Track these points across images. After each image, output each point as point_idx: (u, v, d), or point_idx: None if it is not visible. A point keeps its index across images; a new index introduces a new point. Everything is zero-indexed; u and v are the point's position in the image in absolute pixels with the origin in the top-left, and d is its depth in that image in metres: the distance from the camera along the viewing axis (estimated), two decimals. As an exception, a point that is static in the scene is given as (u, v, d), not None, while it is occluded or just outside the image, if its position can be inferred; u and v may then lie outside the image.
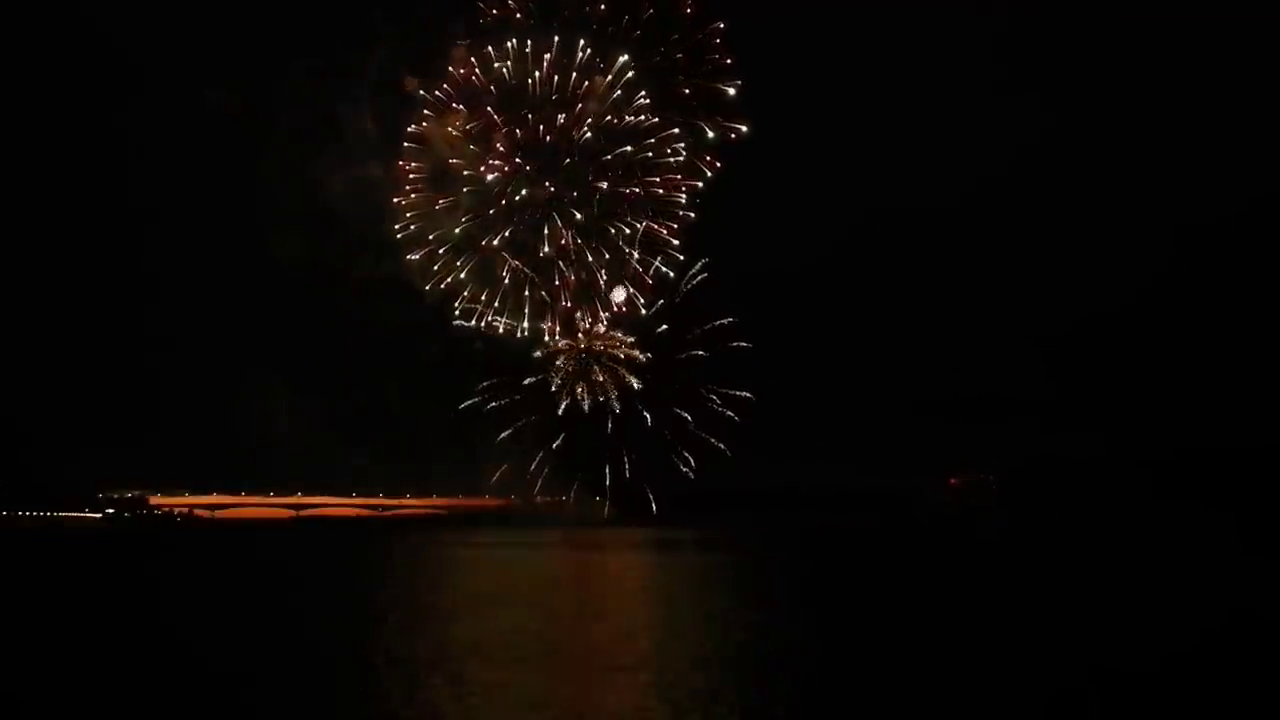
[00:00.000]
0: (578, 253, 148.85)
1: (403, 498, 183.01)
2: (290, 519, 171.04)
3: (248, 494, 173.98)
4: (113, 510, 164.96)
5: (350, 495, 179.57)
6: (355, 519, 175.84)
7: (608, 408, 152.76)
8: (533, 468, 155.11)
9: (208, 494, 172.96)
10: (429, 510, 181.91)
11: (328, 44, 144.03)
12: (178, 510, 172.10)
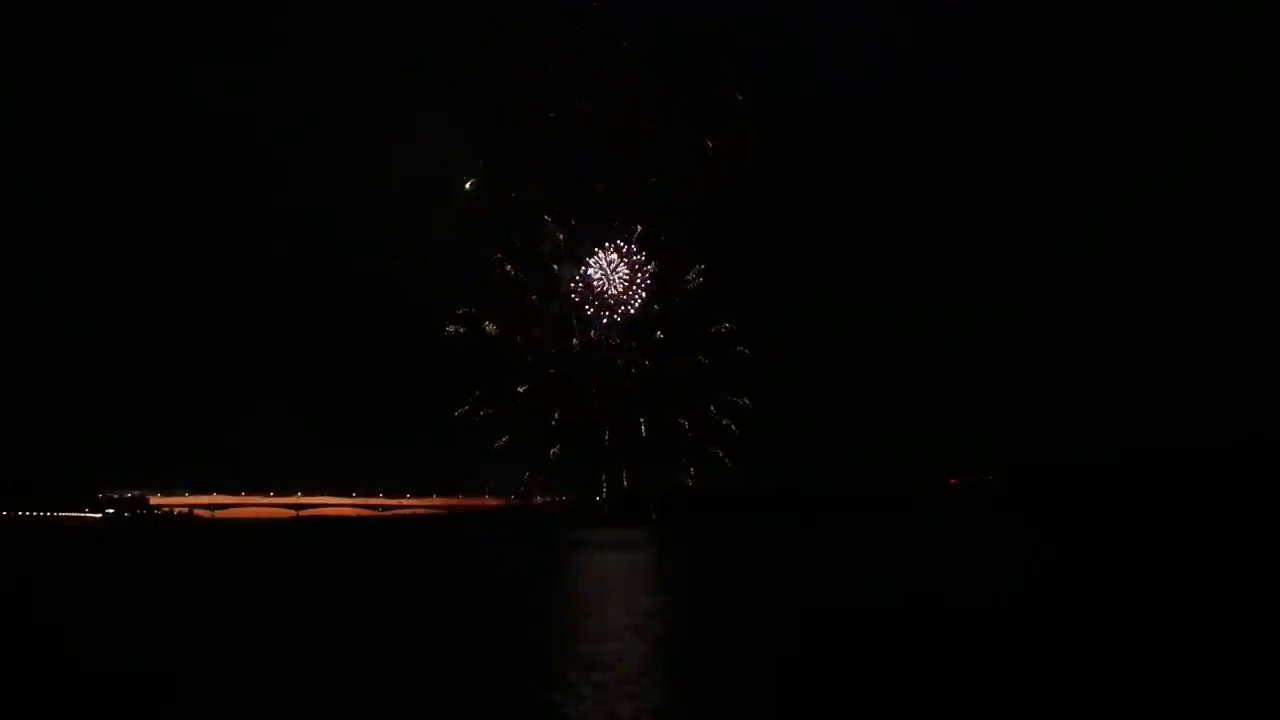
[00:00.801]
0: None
1: (403, 498, 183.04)
2: (290, 519, 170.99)
3: (248, 494, 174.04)
4: (113, 510, 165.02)
5: (350, 495, 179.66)
6: (355, 519, 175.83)
7: (606, 415, 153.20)
8: (528, 475, 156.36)
9: (208, 494, 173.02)
10: (429, 510, 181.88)
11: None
12: (178, 510, 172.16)
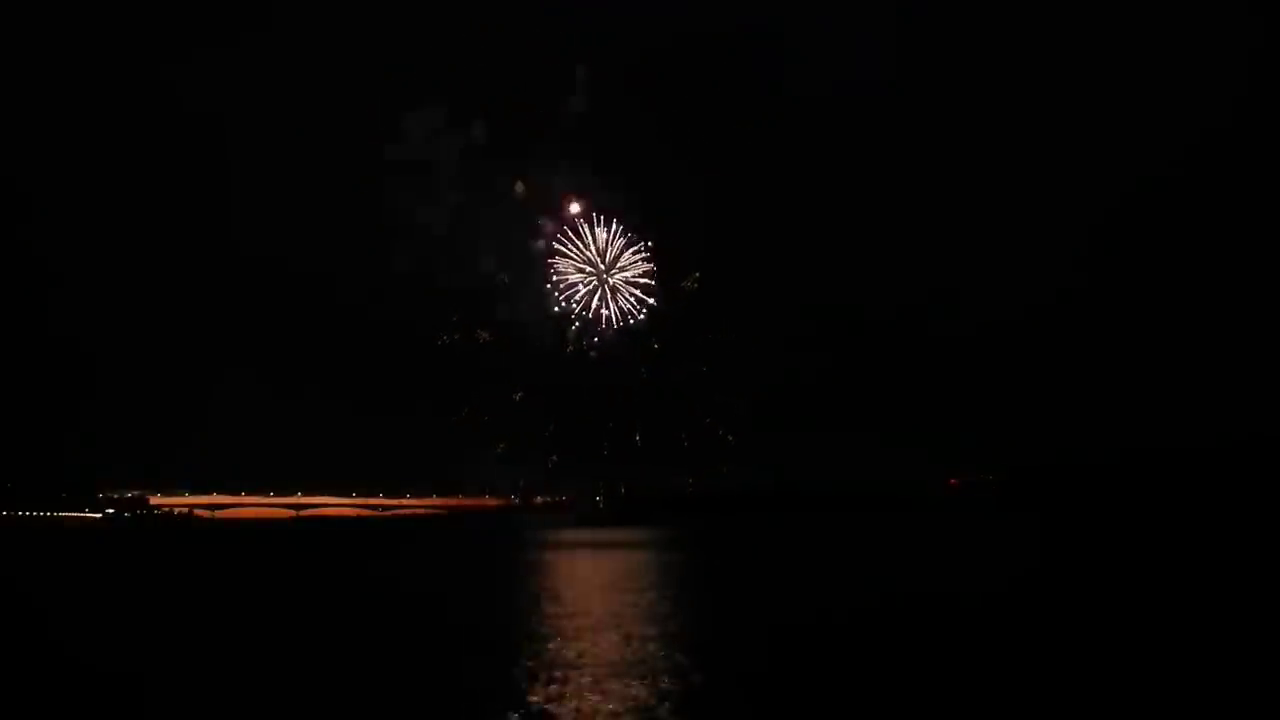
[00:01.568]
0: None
1: (403, 498, 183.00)
2: (290, 519, 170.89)
3: (248, 494, 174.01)
4: (113, 510, 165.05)
5: (350, 495, 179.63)
6: (355, 519, 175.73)
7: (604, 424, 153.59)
8: (521, 483, 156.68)
9: (208, 494, 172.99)
10: (429, 510, 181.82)
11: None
12: (178, 510, 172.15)
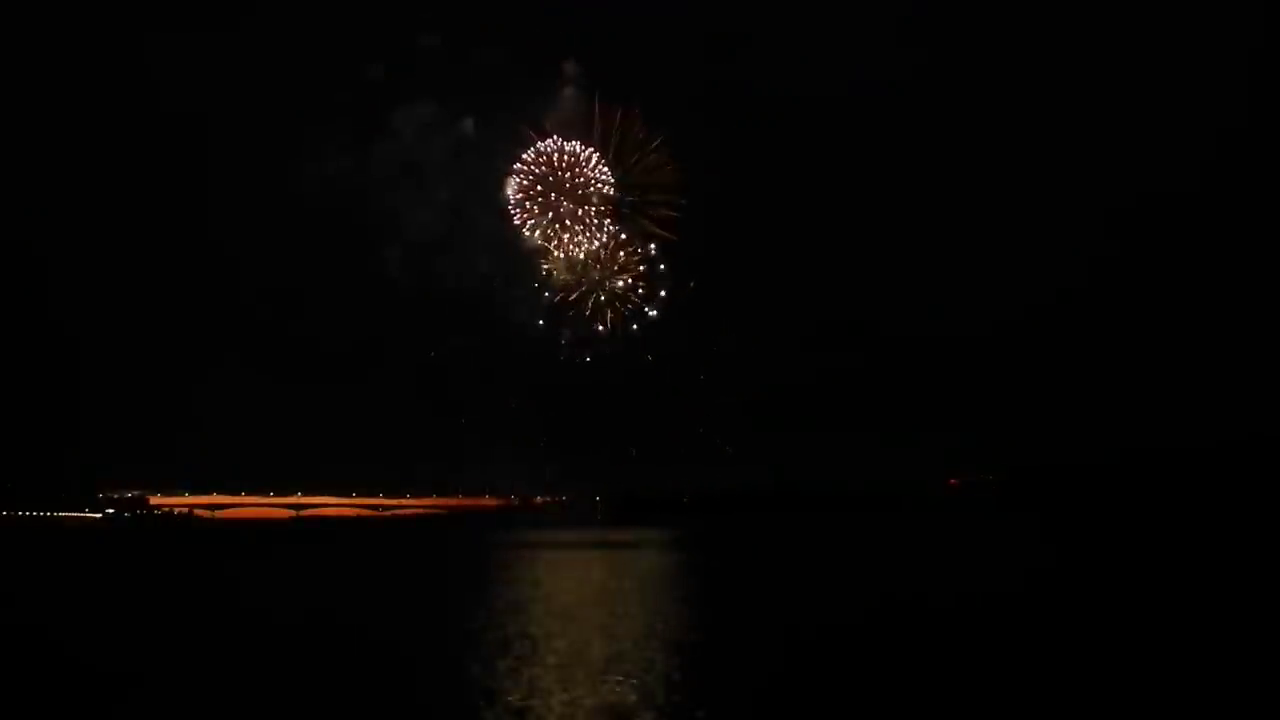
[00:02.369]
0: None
1: (403, 498, 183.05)
2: (290, 519, 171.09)
3: (247, 494, 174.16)
4: (113, 510, 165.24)
5: (350, 495, 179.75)
6: (355, 519, 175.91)
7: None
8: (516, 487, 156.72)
9: (208, 494, 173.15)
10: (429, 510, 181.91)
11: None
12: (178, 510, 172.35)
